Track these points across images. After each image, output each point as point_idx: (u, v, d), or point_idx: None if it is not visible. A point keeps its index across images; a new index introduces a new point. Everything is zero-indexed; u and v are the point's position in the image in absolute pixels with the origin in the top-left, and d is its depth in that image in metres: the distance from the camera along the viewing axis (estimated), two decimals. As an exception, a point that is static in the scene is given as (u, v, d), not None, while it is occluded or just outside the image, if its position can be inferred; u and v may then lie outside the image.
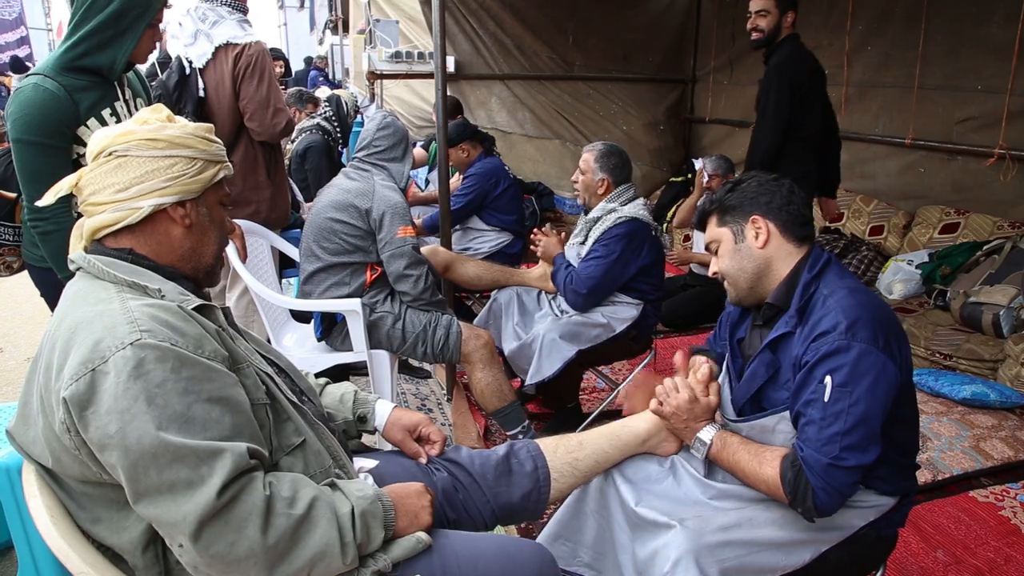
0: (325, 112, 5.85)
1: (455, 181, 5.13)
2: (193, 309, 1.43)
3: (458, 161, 4.91)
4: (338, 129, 5.86)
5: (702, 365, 2.06)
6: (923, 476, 3.13)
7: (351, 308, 3.14)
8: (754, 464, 1.82)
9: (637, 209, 3.36)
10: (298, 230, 4.48)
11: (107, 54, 2.54)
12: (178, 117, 1.55)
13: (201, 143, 1.51)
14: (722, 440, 1.91)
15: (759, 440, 1.88)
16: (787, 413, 1.81)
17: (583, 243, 3.45)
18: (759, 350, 1.92)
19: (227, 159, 1.59)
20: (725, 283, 1.99)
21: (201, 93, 3.53)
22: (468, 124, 4.96)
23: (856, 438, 1.65)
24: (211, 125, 1.58)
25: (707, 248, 2.02)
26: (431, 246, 3.70)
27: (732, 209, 1.92)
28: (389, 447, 2.02)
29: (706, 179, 5.09)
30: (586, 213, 3.53)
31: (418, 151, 5.56)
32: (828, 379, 1.67)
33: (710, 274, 2.02)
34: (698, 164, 5.29)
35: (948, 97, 5.27)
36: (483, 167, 4.89)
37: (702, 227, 2.01)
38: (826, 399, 1.67)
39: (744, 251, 1.91)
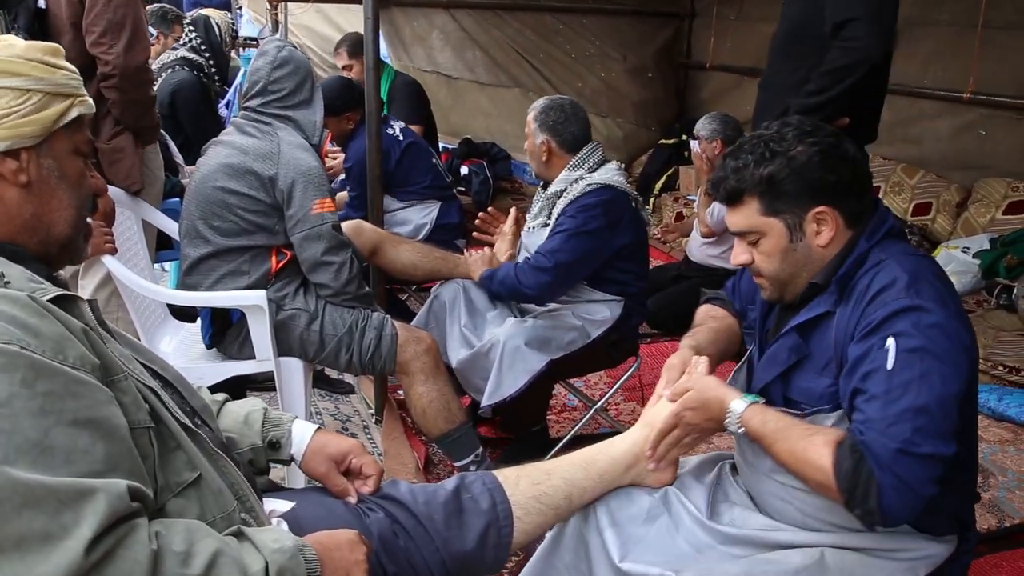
0: (190, 39, 5.38)
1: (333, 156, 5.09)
2: (50, 300, 1.37)
3: (341, 132, 4.90)
4: (211, 62, 5.49)
5: (700, 364, 2.06)
6: (986, 521, 3.18)
7: (253, 302, 3.09)
8: (801, 446, 1.75)
9: (610, 175, 3.36)
10: (177, 199, 4.40)
11: None
12: (7, 36, 1.50)
13: (38, 69, 1.46)
14: (761, 413, 1.86)
15: None
16: (836, 412, 1.81)
17: (546, 225, 3.44)
18: (783, 331, 1.94)
19: (84, 92, 1.54)
20: (758, 279, 1.98)
21: (41, 2, 3.43)
22: (353, 86, 4.88)
23: (931, 417, 1.62)
24: (57, 46, 1.53)
25: (737, 234, 1.97)
26: (353, 222, 3.67)
27: (786, 195, 1.85)
28: (302, 482, 1.99)
29: (697, 148, 5.13)
30: (544, 188, 3.52)
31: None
32: (892, 342, 1.67)
33: (736, 263, 2.00)
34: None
35: (1022, 39, 5.28)
36: (362, 148, 4.79)
37: (730, 202, 1.94)
38: (890, 367, 1.66)
39: (801, 252, 1.89)
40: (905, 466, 1.61)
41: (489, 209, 3.67)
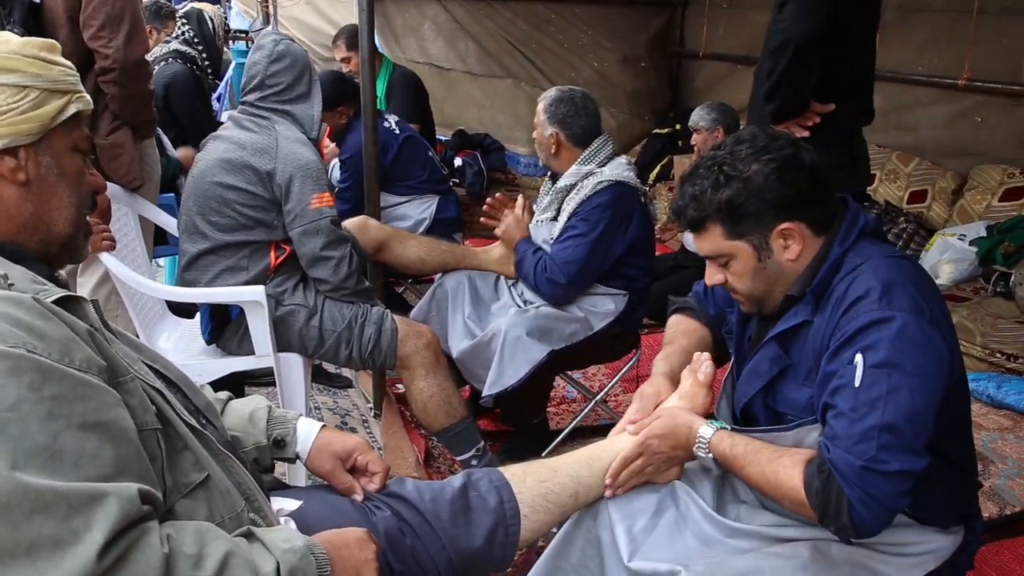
0: (183, 32, 5.35)
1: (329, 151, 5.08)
2: (54, 302, 1.35)
3: (335, 127, 4.89)
4: (205, 55, 5.45)
5: (704, 363, 2.06)
6: (987, 509, 3.19)
7: (252, 298, 3.08)
8: (772, 469, 1.79)
9: (620, 170, 3.37)
10: (172, 194, 4.38)
11: None
12: (1, 32, 1.48)
13: (35, 65, 1.44)
14: (729, 438, 1.89)
15: None
16: (819, 425, 1.80)
17: (554, 219, 3.45)
18: (763, 343, 1.93)
19: (81, 88, 1.52)
20: (735, 296, 1.99)
21: None
22: (346, 79, 4.87)
23: (898, 434, 1.63)
24: (53, 42, 1.51)
25: (707, 256, 1.96)
26: (359, 219, 3.65)
27: (748, 218, 1.84)
28: (303, 479, 1.98)
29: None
30: (553, 180, 3.52)
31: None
32: (859, 358, 1.66)
33: (710, 283, 2.00)
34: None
35: (1017, 25, 5.27)
36: (359, 142, 4.79)
37: (693, 229, 1.93)
38: (857, 384, 1.66)
39: (772, 268, 1.89)
40: (871, 483, 1.63)
41: (497, 195, 3.65)
